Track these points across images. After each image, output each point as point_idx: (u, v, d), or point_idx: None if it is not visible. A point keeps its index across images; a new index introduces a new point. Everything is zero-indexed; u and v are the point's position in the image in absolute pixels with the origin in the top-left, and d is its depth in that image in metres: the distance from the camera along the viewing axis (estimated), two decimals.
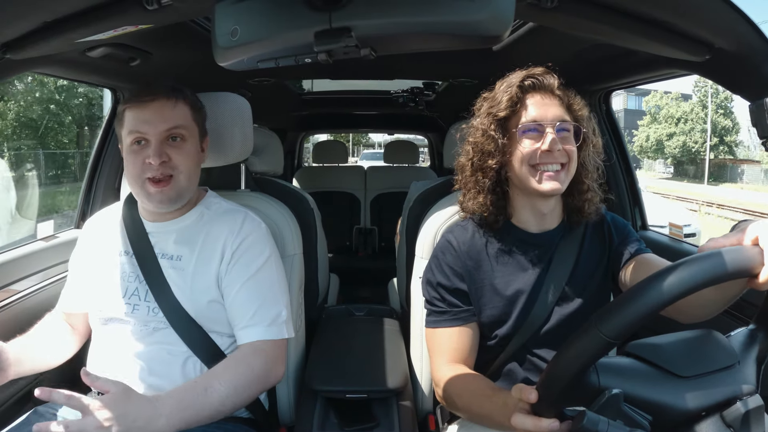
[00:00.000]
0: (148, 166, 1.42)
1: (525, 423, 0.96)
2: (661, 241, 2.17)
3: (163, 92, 1.45)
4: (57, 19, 1.08)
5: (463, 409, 1.35)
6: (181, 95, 1.49)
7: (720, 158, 41.61)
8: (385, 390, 1.72)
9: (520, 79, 1.37)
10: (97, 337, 1.53)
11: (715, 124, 40.51)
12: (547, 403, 0.92)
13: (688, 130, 41.07)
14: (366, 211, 4.90)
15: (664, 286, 0.81)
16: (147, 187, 1.43)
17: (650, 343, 0.92)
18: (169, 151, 1.44)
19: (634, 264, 1.41)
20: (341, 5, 0.93)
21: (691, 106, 41.81)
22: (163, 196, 1.44)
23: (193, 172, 1.50)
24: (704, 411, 0.86)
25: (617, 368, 0.89)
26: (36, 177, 17.17)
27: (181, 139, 1.46)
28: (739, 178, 39.45)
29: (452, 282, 1.45)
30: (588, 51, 1.77)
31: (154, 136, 1.42)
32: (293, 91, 3.60)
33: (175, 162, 1.44)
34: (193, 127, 1.50)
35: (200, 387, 1.32)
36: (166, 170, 1.43)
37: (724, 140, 41.21)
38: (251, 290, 1.49)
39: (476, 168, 1.44)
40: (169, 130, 1.44)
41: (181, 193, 1.47)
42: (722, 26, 1.08)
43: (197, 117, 1.53)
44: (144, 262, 1.49)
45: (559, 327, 1.42)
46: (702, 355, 0.91)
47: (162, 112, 1.44)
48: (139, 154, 1.43)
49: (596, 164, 1.45)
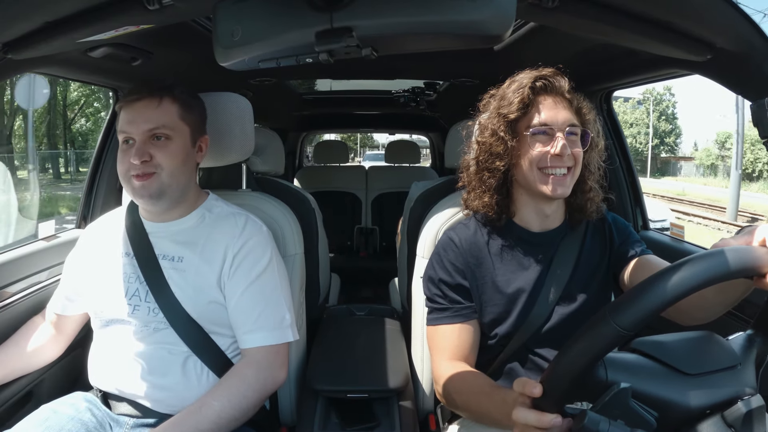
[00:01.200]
0: (132, 165, 1.42)
1: (527, 417, 0.92)
2: (662, 241, 2.17)
3: (147, 91, 1.45)
4: (58, 19, 1.08)
5: (462, 406, 1.35)
6: (168, 93, 1.47)
7: (663, 156, 48.30)
8: (386, 390, 1.72)
9: (531, 80, 1.36)
10: (98, 338, 1.54)
11: (656, 128, 48.85)
12: (551, 398, 0.90)
13: (636, 133, 48.18)
14: (367, 211, 4.90)
15: (678, 279, 0.82)
16: (132, 183, 1.44)
17: (655, 341, 0.92)
18: (153, 151, 1.43)
19: (636, 265, 1.41)
20: (342, 5, 0.93)
21: (641, 112, 49.67)
22: (144, 190, 1.43)
23: (177, 170, 1.47)
24: (708, 409, 0.86)
25: (625, 363, 0.89)
26: None
27: (166, 138, 1.45)
28: (678, 172, 47.50)
29: (454, 278, 1.45)
30: (589, 51, 1.77)
31: (138, 136, 1.43)
32: (294, 91, 3.61)
33: (158, 160, 1.43)
34: (180, 126, 1.49)
35: (195, 406, 1.36)
36: (147, 168, 1.42)
37: (665, 141, 49.80)
38: (254, 295, 1.49)
39: (482, 167, 1.44)
40: (151, 130, 1.44)
41: (163, 189, 1.45)
42: (723, 26, 1.08)
43: (187, 116, 1.51)
44: (144, 262, 1.49)
45: (560, 326, 1.41)
46: (705, 354, 0.91)
47: (145, 111, 1.44)
48: (126, 153, 1.43)
49: (599, 165, 1.46)
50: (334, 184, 4.91)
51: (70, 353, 1.68)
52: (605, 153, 1.47)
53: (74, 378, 1.76)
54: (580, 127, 1.37)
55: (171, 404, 1.44)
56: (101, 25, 1.11)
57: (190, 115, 1.52)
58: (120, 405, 1.48)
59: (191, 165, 1.54)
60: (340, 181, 4.94)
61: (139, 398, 1.45)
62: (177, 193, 1.50)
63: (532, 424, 0.91)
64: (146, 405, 1.45)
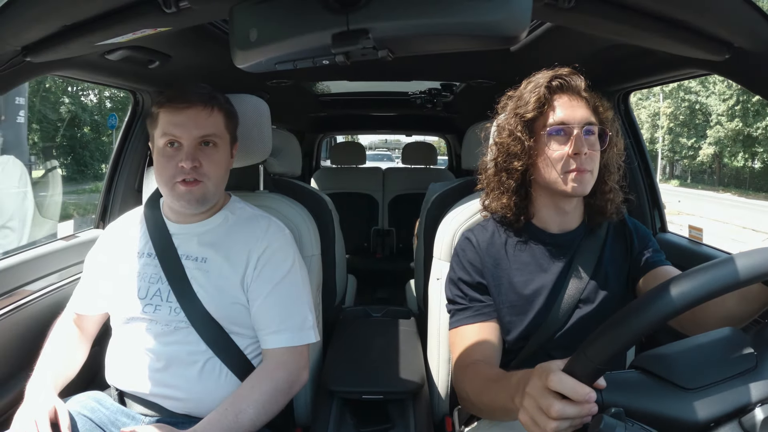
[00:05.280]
0: (180, 169, 1.43)
1: (564, 383, 0.83)
2: (681, 244, 2.15)
3: (199, 99, 1.47)
4: (76, 22, 1.09)
5: (476, 401, 1.27)
6: (217, 103, 1.50)
7: None
8: (402, 391, 1.72)
9: (547, 79, 1.36)
10: (116, 337, 1.55)
11: None
12: (590, 368, 0.83)
13: None
14: (384, 213, 4.90)
15: (735, 267, 0.80)
16: (177, 188, 1.45)
17: (658, 354, 0.90)
18: (201, 157, 1.45)
19: (655, 275, 1.40)
20: (358, 7, 0.93)
21: None
22: (191, 195, 1.46)
23: (221, 179, 1.52)
24: (713, 422, 0.84)
25: (620, 383, 0.87)
26: None
27: (213, 146, 1.48)
28: None
29: (473, 277, 1.45)
30: (606, 51, 1.75)
31: (188, 141, 1.45)
32: (311, 92, 3.61)
33: (206, 169, 1.46)
34: (225, 134, 1.52)
35: (231, 414, 1.36)
36: (197, 175, 1.45)
37: None
38: (278, 297, 1.50)
39: (500, 168, 1.44)
40: (202, 137, 1.46)
41: (207, 197, 1.49)
42: (742, 25, 1.07)
43: (230, 125, 1.54)
44: (167, 262, 1.51)
45: (578, 329, 1.40)
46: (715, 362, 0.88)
47: (197, 118, 1.46)
48: (172, 157, 1.45)
49: (618, 165, 1.44)
50: (350, 186, 4.91)
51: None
52: (624, 153, 1.46)
53: (91, 376, 1.77)
54: (597, 126, 1.36)
55: (188, 404, 1.45)
56: (119, 28, 1.12)
57: (231, 123, 1.56)
58: (136, 404, 1.50)
59: (228, 172, 1.58)
60: (357, 183, 4.95)
61: (157, 397, 1.46)
62: (215, 200, 1.53)
63: (567, 392, 0.83)
64: (163, 404, 1.47)
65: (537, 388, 0.88)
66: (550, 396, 0.85)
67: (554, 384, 0.84)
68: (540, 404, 0.86)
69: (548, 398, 0.85)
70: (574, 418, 0.83)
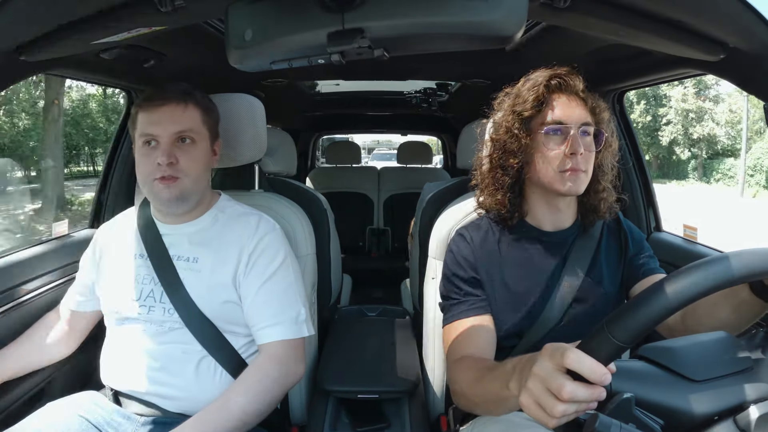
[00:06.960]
0: (157, 166, 1.43)
1: (582, 361, 0.79)
2: (675, 243, 2.15)
3: (174, 96, 1.46)
4: (71, 21, 1.09)
5: (470, 395, 1.22)
6: (192, 99, 1.49)
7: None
8: (397, 391, 1.72)
9: (546, 78, 1.37)
10: (111, 337, 1.55)
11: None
12: (612, 347, 0.80)
13: None
14: (379, 212, 4.89)
15: (742, 260, 0.81)
16: (155, 185, 1.45)
17: (663, 347, 0.91)
18: (178, 154, 1.45)
19: (645, 282, 1.41)
20: (354, 6, 0.93)
21: None
22: (169, 193, 1.45)
23: (200, 175, 1.51)
24: (717, 415, 0.84)
25: (629, 372, 0.87)
26: None
27: (191, 142, 1.48)
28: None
29: (467, 272, 1.45)
30: (602, 51, 1.76)
31: (164, 138, 1.44)
32: (306, 91, 3.61)
33: (183, 165, 1.45)
34: (203, 130, 1.51)
35: (219, 402, 1.36)
36: (173, 172, 1.44)
37: None
38: (269, 292, 1.50)
39: (496, 165, 1.44)
40: (178, 133, 1.45)
41: (185, 194, 1.48)
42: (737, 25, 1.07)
43: (208, 120, 1.53)
44: (159, 264, 1.50)
45: (572, 327, 1.40)
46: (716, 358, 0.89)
47: (172, 114, 1.45)
48: (150, 155, 1.45)
49: (612, 165, 1.45)
50: (346, 185, 4.90)
51: (82, 352, 1.69)
52: (618, 153, 1.47)
53: (86, 377, 1.77)
54: (593, 127, 1.36)
55: (183, 403, 1.45)
56: (114, 27, 1.12)
57: (209, 119, 1.54)
58: (131, 404, 1.49)
59: (209, 169, 1.57)
60: (352, 182, 4.94)
61: (152, 397, 1.46)
62: (196, 198, 1.52)
63: (584, 370, 0.78)
64: (158, 404, 1.46)
65: (546, 369, 0.83)
66: (562, 376, 0.80)
67: (571, 361, 0.79)
68: (549, 385, 0.81)
69: (560, 378, 0.80)
70: (582, 402, 0.79)
